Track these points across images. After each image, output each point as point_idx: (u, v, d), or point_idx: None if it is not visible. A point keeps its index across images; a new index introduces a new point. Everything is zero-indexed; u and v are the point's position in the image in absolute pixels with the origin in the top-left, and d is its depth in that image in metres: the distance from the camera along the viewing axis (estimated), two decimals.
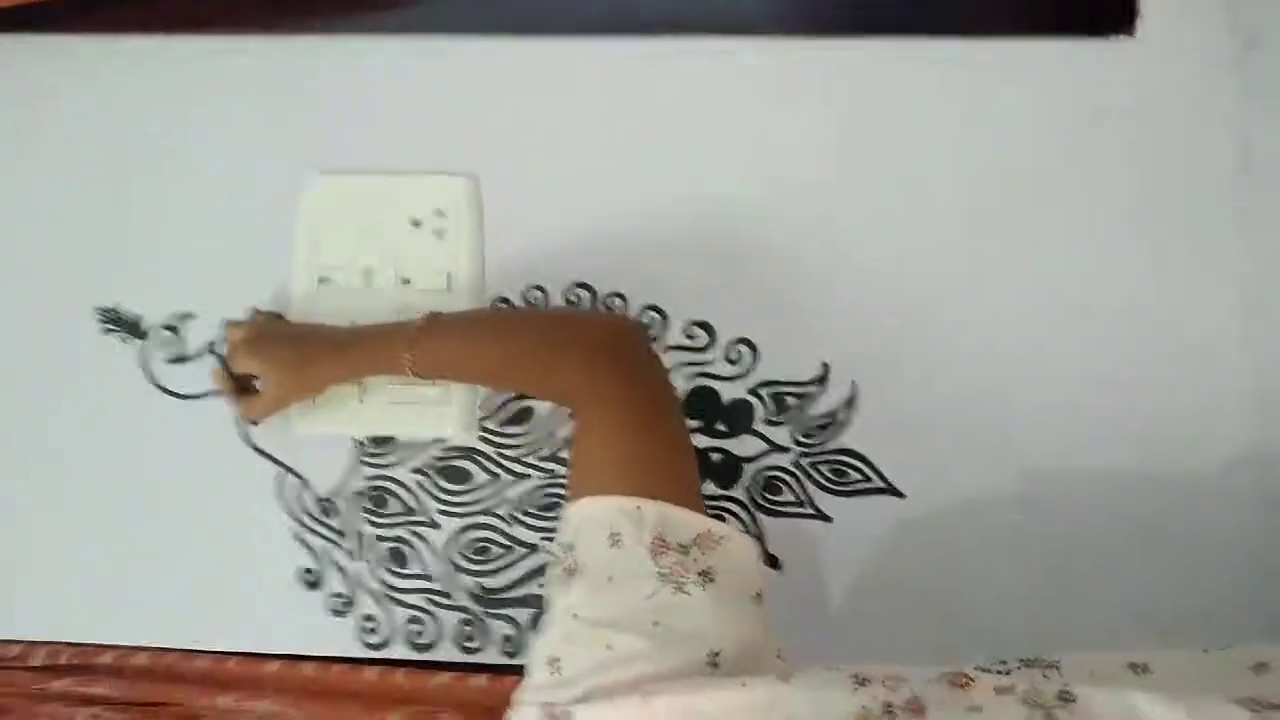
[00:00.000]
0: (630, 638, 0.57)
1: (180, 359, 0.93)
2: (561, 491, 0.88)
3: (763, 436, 0.88)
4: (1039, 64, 0.91)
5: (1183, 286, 0.88)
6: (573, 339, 0.75)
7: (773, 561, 0.86)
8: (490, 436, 0.90)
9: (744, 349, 0.89)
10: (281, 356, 0.84)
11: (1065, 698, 0.53)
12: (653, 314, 0.90)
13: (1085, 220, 0.89)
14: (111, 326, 0.94)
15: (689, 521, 0.63)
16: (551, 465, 0.89)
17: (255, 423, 0.90)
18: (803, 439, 0.88)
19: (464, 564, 0.89)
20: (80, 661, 0.90)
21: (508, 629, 0.87)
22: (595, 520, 0.63)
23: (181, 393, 0.92)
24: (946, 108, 0.91)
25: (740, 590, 0.62)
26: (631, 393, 0.70)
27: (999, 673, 0.58)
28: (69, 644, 0.90)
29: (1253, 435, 0.86)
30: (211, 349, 0.88)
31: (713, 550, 0.62)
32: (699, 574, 0.60)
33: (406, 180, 0.93)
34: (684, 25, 0.94)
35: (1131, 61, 0.91)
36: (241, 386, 0.87)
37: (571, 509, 0.65)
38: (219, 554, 0.90)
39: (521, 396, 0.89)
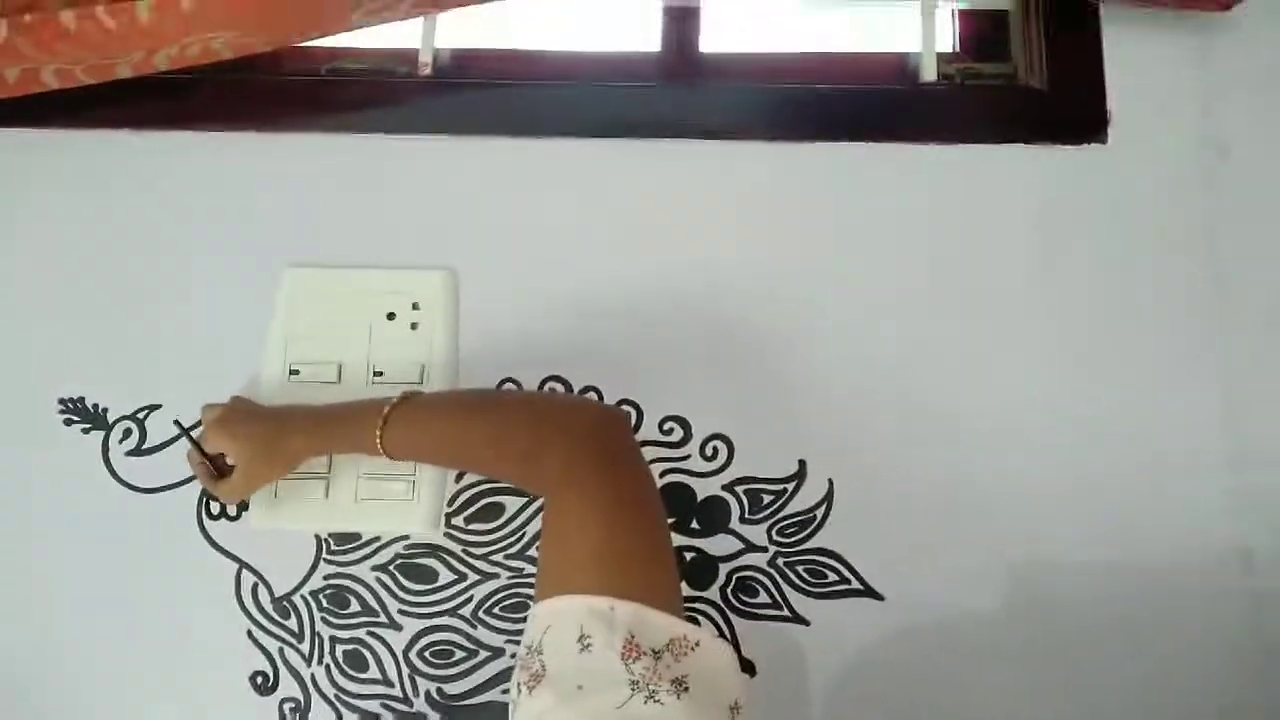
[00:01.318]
0: None
1: (142, 451, 0.91)
2: (529, 593, 0.85)
3: (738, 535, 0.86)
4: (1013, 168, 0.93)
5: (1160, 387, 0.88)
6: (555, 424, 0.72)
7: (748, 667, 0.83)
8: (457, 533, 0.87)
9: (720, 445, 0.88)
10: (253, 432, 0.82)
11: None
12: (628, 408, 0.89)
13: (1060, 320, 0.90)
14: (74, 417, 0.92)
15: (663, 625, 0.59)
16: (520, 563, 0.86)
17: (227, 505, 0.87)
18: (779, 538, 0.85)
19: (424, 668, 0.85)
20: None
21: None
22: (564, 621, 0.59)
23: (142, 486, 0.90)
24: (922, 209, 0.93)
25: (716, 700, 0.59)
26: (612, 483, 0.66)
27: None
28: None
29: (1233, 531, 0.84)
30: (180, 427, 0.86)
31: (687, 656, 0.59)
32: (672, 682, 0.56)
33: (382, 274, 0.93)
34: (666, 129, 0.96)
35: (1103, 168, 0.93)
36: (216, 469, 0.84)
37: (540, 607, 0.61)
38: (171, 653, 0.86)
39: (493, 488, 0.87)
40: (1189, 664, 0.81)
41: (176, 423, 0.86)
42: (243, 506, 0.88)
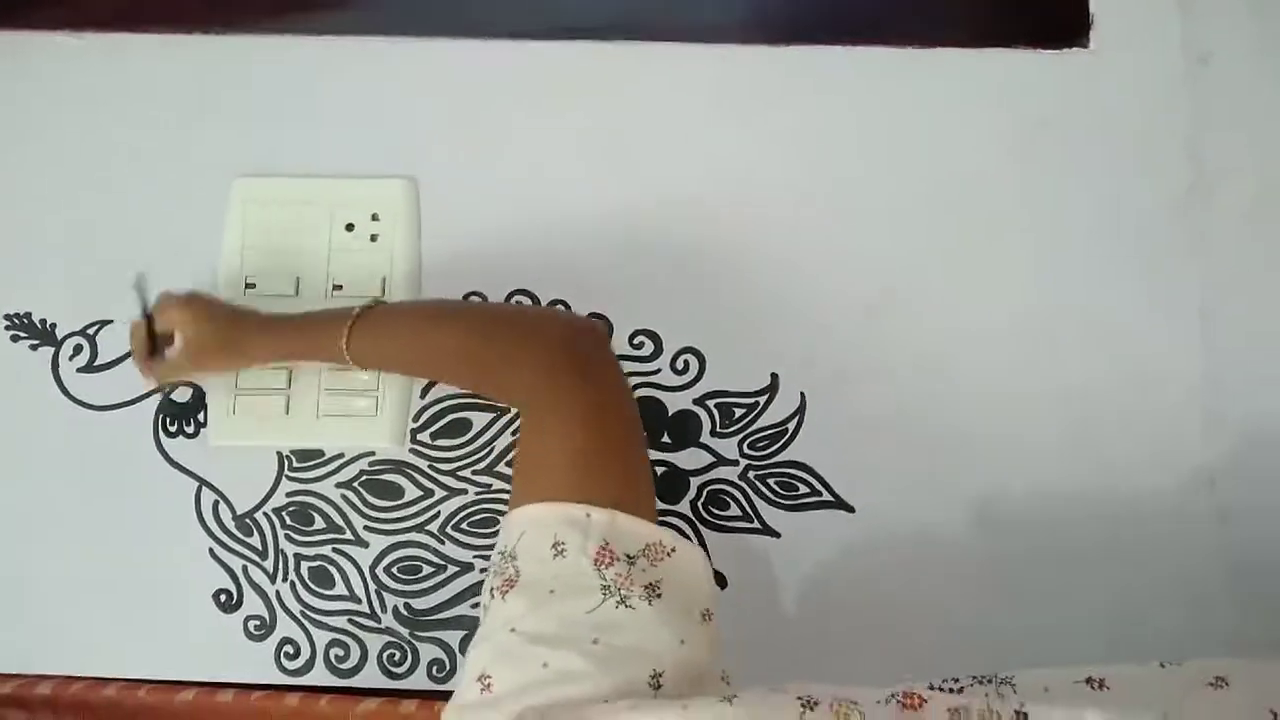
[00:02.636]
0: (567, 655, 0.53)
1: (94, 368, 0.88)
2: (498, 508, 0.84)
3: (709, 449, 0.85)
4: (993, 74, 0.91)
5: (1136, 301, 0.87)
6: (529, 333, 0.71)
7: (720, 579, 0.82)
8: (423, 449, 0.85)
9: (691, 358, 0.86)
10: (212, 314, 0.78)
11: (1020, 717, 0.51)
12: (597, 321, 0.87)
13: (1038, 233, 0.88)
14: (20, 333, 0.88)
15: (638, 530, 0.59)
16: (488, 479, 0.85)
17: (160, 388, 0.84)
18: (750, 451, 0.84)
19: (392, 584, 0.84)
20: None
21: (437, 652, 0.82)
22: (539, 528, 0.59)
23: (95, 403, 0.87)
24: (899, 116, 0.90)
25: (688, 606, 0.59)
26: (588, 392, 0.66)
27: (951, 691, 0.55)
28: None
29: (1205, 450, 0.84)
30: (138, 284, 0.81)
31: (662, 562, 0.59)
32: (645, 587, 0.56)
33: (340, 183, 0.90)
34: (633, 31, 0.92)
35: (1084, 73, 0.91)
36: (155, 348, 0.80)
37: (515, 514, 0.61)
38: (131, 574, 0.85)
39: (459, 403, 0.85)
40: (1159, 580, 0.82)
41: (138, 283, 0.81)
42: (169, 390, 0.86)
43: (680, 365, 0.86)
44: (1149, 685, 0.57)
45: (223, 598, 0.84)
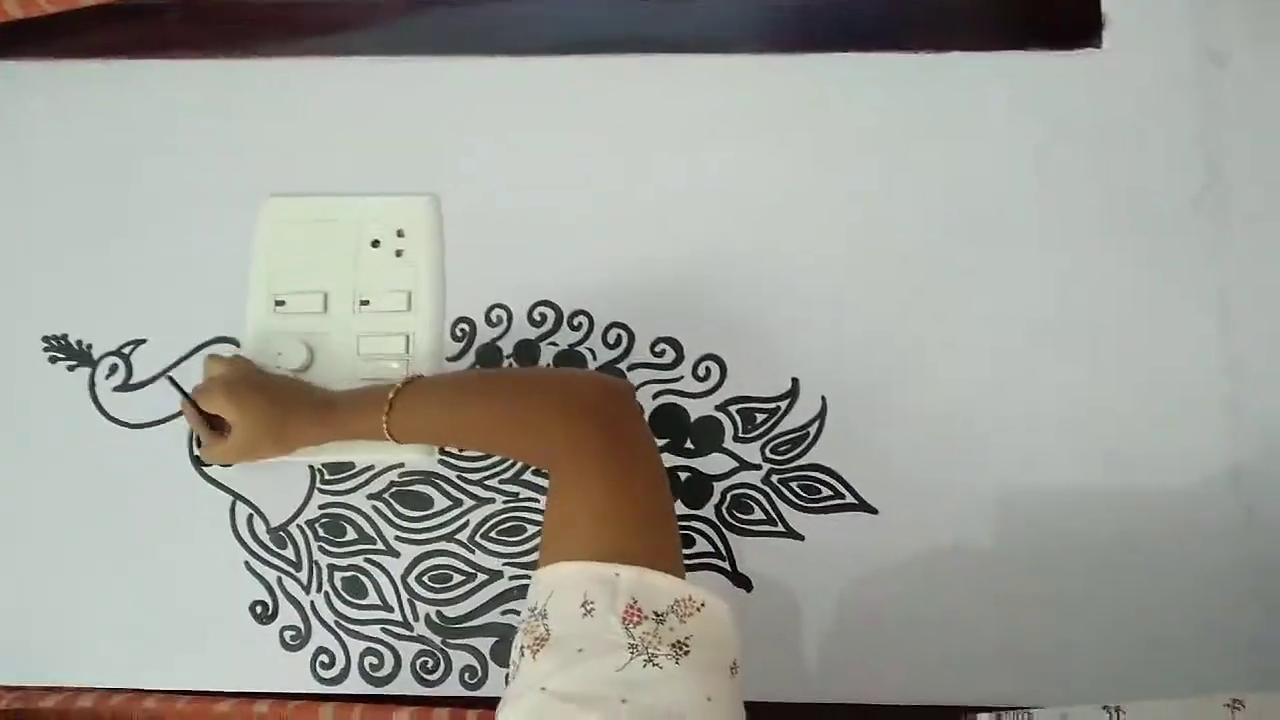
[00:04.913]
0: (597, 714, 0.54)
1: (129, 386, 0.90)
2: (525, 516, 0.85)
3: (732, 454, 0.86)
4: (1006, 77, 0.91)
5: (1153, 301, 0.87)
6: (559, 399, 0.72)
7: (744, 582, 0.83)
8: (451, 460, 0.87)
9: (712, 365, 0.87)
10: (259, 408, 0.80)
11: None
12: (619, 331, 0.88)
13: (1054, 234, 0.89)
14: (59, 355, 0.91)
15: (666, 587, 0.60)
16: (515, 488, 0.86)
17: (211, 463, 0.86)
18: (772, 455, 0.85)
19: (423, 593, 0.85)
20: (22, 706, 0.85)
21: (469, 659, 0.84)
22: (569, 586, 0.59)
23: (130, 421, 0.89)
24: (913, 121, 0.91)
25: (715, 661, 0.59)
26: (614, 450, 0.67)
27: None
28: (9, 687, 0.86)
29: (1226, 450, 0.84)
30: (170, 379, 0.84)
31: (690, 617, 0.59)
32: (672, 645, 0.57)
33: (365, 201, 0.91)
34: (648, 44, 0.94)
35: (1097, 73, 0.91)
36: (209, 423, 0.83)
37: (545, 573, 0.62)
38: (168, 588, 0.86)
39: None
40: (1179, 581, 0.82)
41: (170, 378, 0.84)
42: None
43: (701, 372, 0.87)
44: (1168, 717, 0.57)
45: (259, 609, 0.86)
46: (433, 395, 0.78)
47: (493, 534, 0.86)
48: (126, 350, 0.90)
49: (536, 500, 0.86)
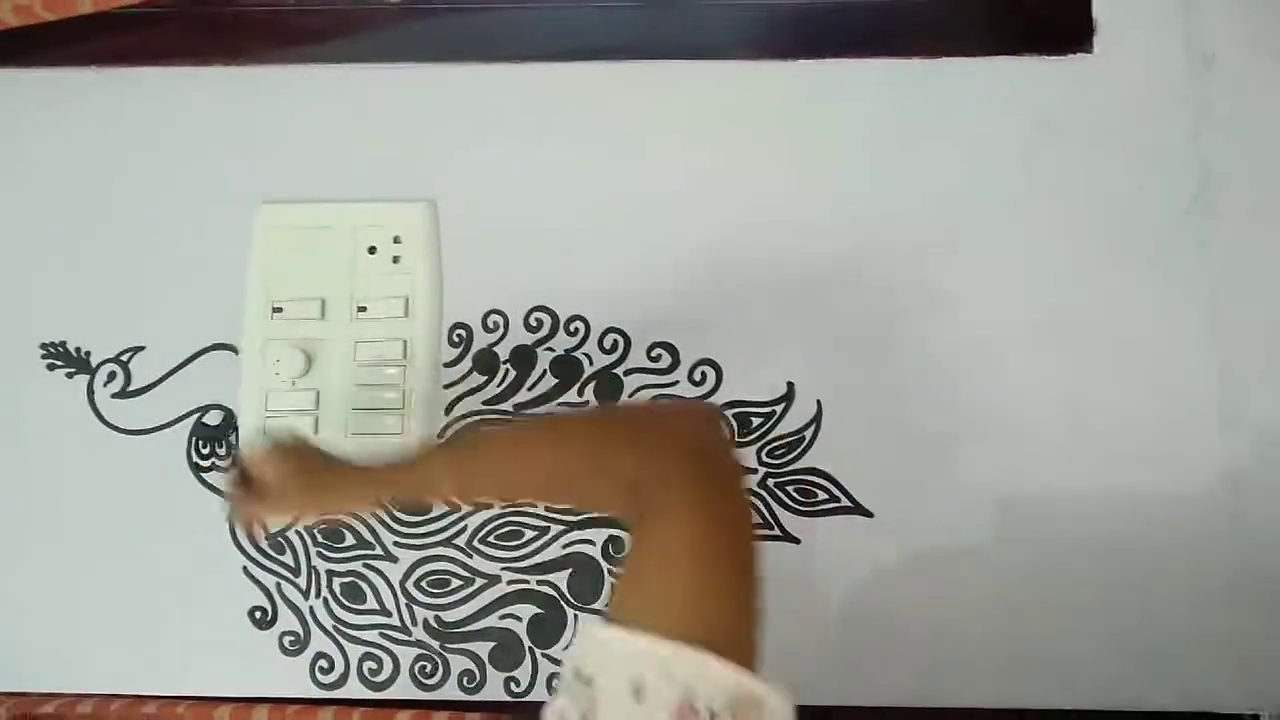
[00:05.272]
0: None
1: (128, 393, 0.90)
2: (523, 520, 0.86)
3: None
4: (998, 81, 0.92)
5: (1147, 303, 0.88)
6: (641, 439, 0.63)
7: None
8: None
9: (708, 370, 0.88)
10: (314, 469, 0.72)
11: None
12: (615, 336, 0.88)
13: (1048, 238, 0.89)
14: (57, 362, 0.91)
15: (728, 682, 0.53)
16: None
17: (247, 521, 0.84)
18: (768, 459, 0.86)
19: (421, 598, 0.86)
20: (22, 712, 0.86)
21: (467, 663, 0.84)
22: (622, 661, 0.53)
23: (129, 428, 0.90)
24: (907, 126, 0.92)
25: None
26: (710, 505, 0.57)
27: None
28: (9, 694, 0.86)
29: (1220, 454, 0.85)
30: (230, 449, 0.86)
31: (748, 717, 0.53)
32: None
33: (362, 208, 0.92)
34: (643, 50, 0.94)
35: (1089, 78, 0.92)
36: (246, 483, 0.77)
37: (602, 634, 0.55)
38: (168, 593, 0.87)
39: (483, 422, 0.87)
40: (1175, 583, 0.83)
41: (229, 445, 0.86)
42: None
43: (698, 376, 0.88)
44: None
45: (258, 615, 0.86)
46: (498, 452, 0.70)
47: (490, 539, 0.86)
48: (125, 357, 0.91)
49: (534, 504, 0.86)
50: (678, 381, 0.87)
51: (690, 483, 0.58)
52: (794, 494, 0.85)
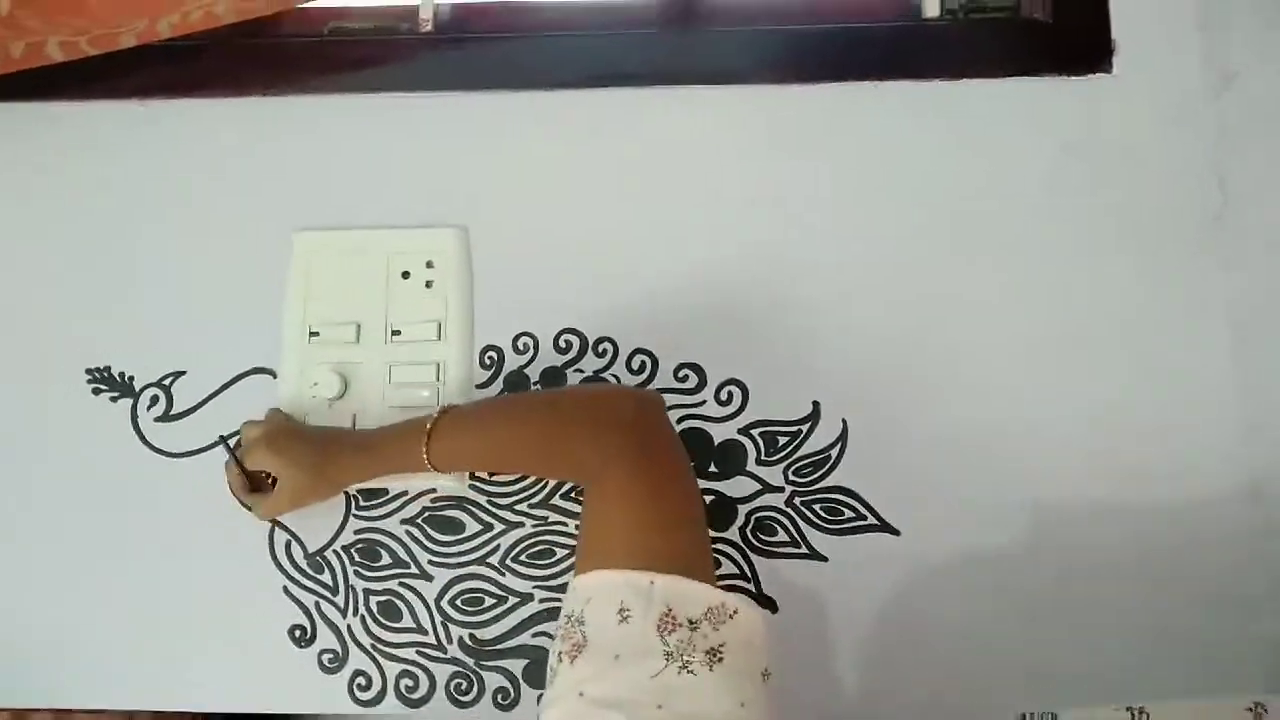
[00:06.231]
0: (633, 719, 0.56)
1: (170, 417, 0.93)
2: (555, 539, 0.87)
3: (755, 477, 0.88)
4: (1018, 103, 0.93)
5: (1170, 318, 0.89)
6: (592, 418, 0.74)
7: (770, 604, 0.85)
8: (481, 485, 0.89)
9: (734, 390, 0.89)
10: (300, 453, 0.83)
11: None
12: (643, 357, 0.90)
13: (1071, 256, 0.90)
14: (102, 386, 0.94)
15: (700, 595, 0.62)
16: (544, 512, 0.88)
17: (261, 519, 0.87)
18: (795, 478, 0.87)
19: (456, 616, 0.87)
20: None
21: (502, 681, 0.86)
22: (605, 594, 0.62)
23: (172, 451, 0.92)
24: (929, 147, 0.93)
25: (748, 669, 0.61)
26: (649, 464, 0.69)
27: None
28: (55, 710, 0.89)
29: (1242, 461, 0.86)
30: (223, 440, 0.87)
31: (723, 625, 0.61)
32: (706, 652, 0.59)
33: (395, 233, 0.94)
34: (670, 76, 0.96)
35: (1109, 97, 0.93)
36: (254, 485, 0.86)
37: (581, 580, 0.64)
38: (209, 613, 0.89)
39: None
40: (1201, 594, 0.83)
41: (221, 438, 0.87)
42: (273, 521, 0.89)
43: (724, 396, 0.89)
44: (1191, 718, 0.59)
45: (297, 633, 0.88)
46: (469, 422, 0.80)
47: (523, 557, 0.88)
48: (167, 381, 0.93)
49: (565, 524, 0.88)
50: (704, 401, 0.89)
51: (633, 444, 0.69)
52: (821, 513, 0.87)
